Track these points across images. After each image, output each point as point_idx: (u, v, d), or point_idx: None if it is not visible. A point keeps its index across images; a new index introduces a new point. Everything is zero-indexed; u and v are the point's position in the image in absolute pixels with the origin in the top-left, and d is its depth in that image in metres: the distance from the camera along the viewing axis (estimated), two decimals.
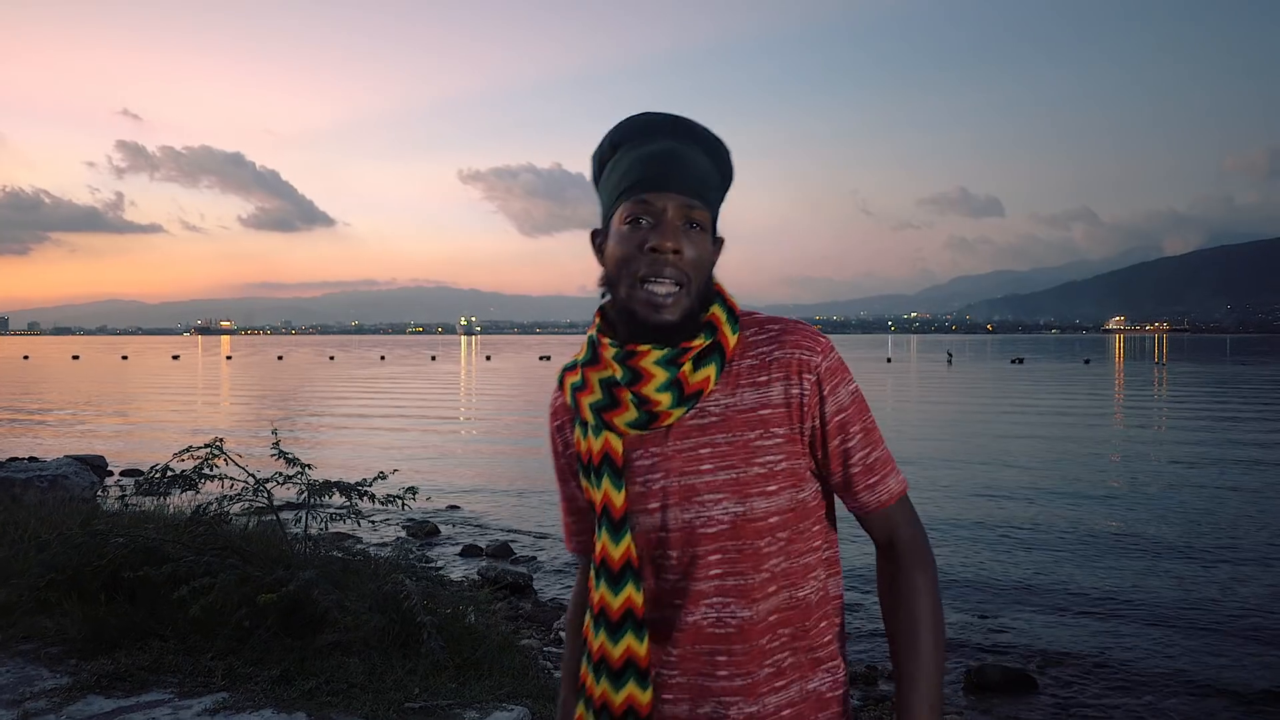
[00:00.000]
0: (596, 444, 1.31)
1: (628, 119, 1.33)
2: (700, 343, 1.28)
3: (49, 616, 5.14)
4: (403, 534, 11.00)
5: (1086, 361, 72.33)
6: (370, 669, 4.53)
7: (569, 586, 8.77)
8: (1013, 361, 72.94)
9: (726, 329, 1.31)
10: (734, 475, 1.26)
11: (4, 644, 4.93)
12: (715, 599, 1.28)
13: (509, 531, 11.58)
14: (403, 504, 5.70)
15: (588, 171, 1.39)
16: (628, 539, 1.29)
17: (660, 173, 1.25)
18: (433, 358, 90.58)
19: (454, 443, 21.87)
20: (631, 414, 1.28)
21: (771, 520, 1.27)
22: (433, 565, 7.72)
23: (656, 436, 1.29)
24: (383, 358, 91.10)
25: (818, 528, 1.33)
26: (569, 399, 1.37)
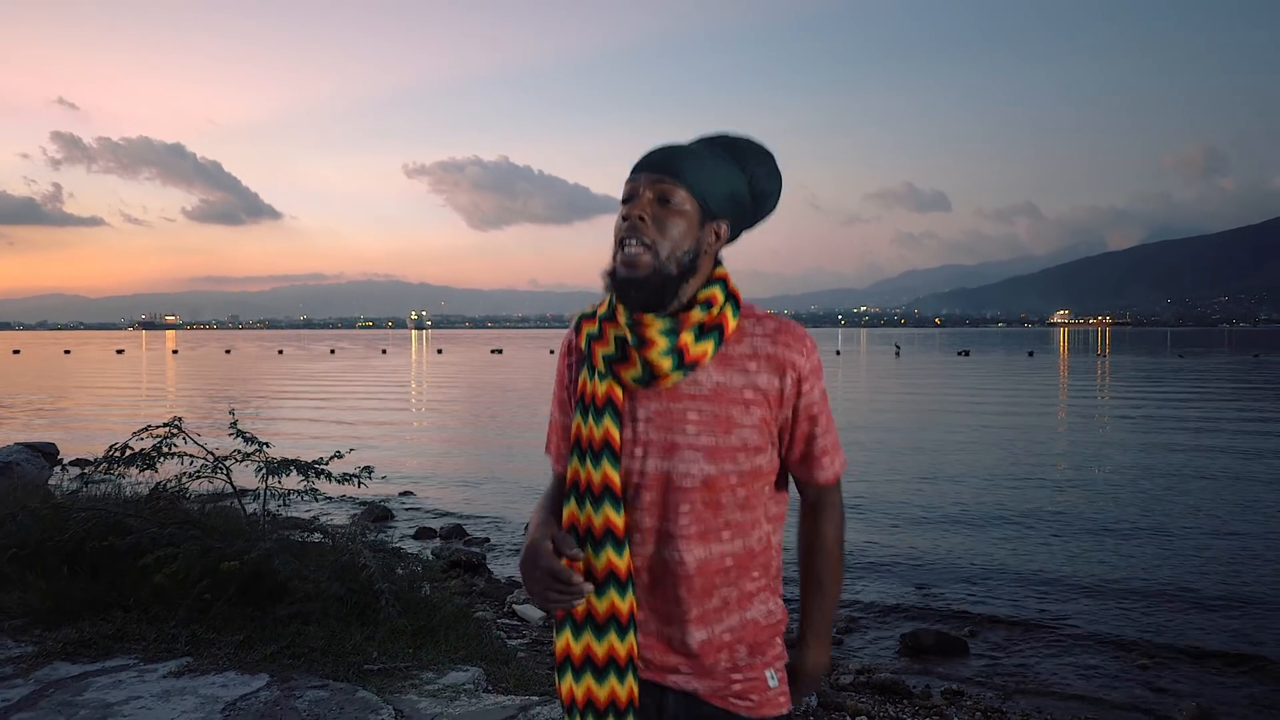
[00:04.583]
0: (601, 388, 1.54)
1: None
2: (697, 316, 1.51)
3: (10, 591, 5.23)
4: (357, 515, 11.10)
5: (1030, 354, 73.82)
6: (330, 635, 4.67)
7: None
8: (959, 353, 74.31)
9: (728, 312, 1.55)
10: (713, 442, 1.49)
11: None
12: (679, 539, 1.51)
13: (462, 515, 11.73)
14: (359, 482, 5.72)
15: (535, 165, 1.67)
16: (605, 467, 1.51)
17: (640, 162, 1.54)
18: (383, 351, 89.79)
19: (407, 432, 21.89)
20: (637, 371, 1.50)
21: (732, 480, 1.51)
22: (388, 542, 7.84)
23: (652, 394, 1.52)
24: (333, 351, 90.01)
25: (768, 489, 1.58)
26: (583, 345, 1.59)
